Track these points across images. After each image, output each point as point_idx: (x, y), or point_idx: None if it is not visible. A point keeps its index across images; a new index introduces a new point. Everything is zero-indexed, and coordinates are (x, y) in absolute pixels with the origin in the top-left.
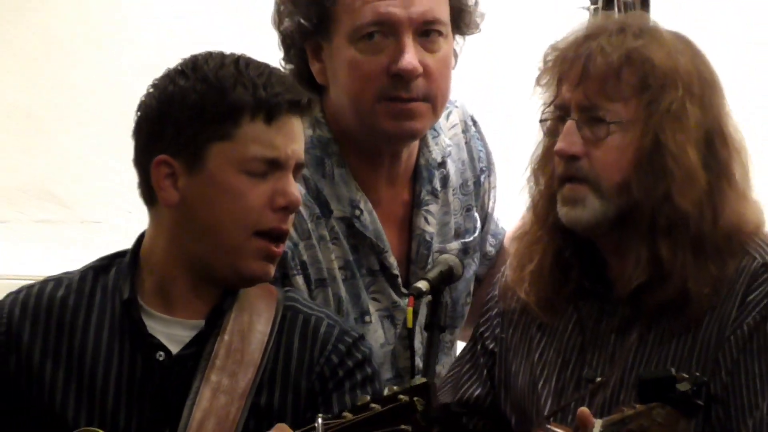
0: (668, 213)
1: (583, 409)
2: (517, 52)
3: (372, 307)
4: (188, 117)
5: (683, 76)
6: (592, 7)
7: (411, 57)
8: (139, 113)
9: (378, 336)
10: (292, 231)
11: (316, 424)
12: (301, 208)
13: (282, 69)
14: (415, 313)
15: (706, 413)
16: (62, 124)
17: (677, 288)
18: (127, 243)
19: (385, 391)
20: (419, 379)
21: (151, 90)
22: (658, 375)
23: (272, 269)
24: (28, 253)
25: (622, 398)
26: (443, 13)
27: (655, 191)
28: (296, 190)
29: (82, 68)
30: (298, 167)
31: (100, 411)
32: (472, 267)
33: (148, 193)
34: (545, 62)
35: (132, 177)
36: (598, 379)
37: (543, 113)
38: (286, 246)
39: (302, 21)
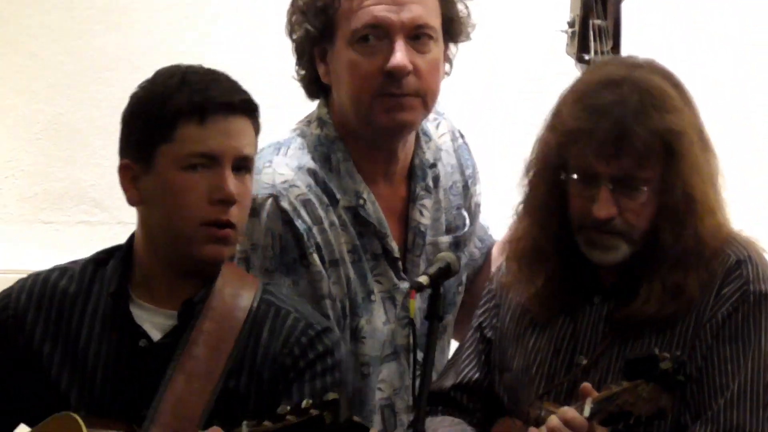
0: (693, 247)
1: (586, 384)
2: (516, 52)
3: (375, 288)
4: (141, 123)
5: (693, 127)
6: (570, 30)
7: (401, 56)
8: None
9: (380, 315)
10: (305, 216)
11: (242, 430)
12: (312, 197)
13: (297, 73)
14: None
15: (681, 393)
16: (101, 136)
17: (683, 303)
18: None
19: (303, 404)
20: (331, 395)
21: None
22: (643, 355)
23: (225, 251)
24: (70, 250)
25: (609, 382)
26: (434, 20)
27: (684, 233)
28: (232, 184)
29: (118, 86)
30: (241, 162)
31: (89, 390)
32: (463, 260)
33: None
34: (564, 131)
35: None
36: (584, 361)
37: (557, 172)
38: (301, 229)
39: (309, 28)
